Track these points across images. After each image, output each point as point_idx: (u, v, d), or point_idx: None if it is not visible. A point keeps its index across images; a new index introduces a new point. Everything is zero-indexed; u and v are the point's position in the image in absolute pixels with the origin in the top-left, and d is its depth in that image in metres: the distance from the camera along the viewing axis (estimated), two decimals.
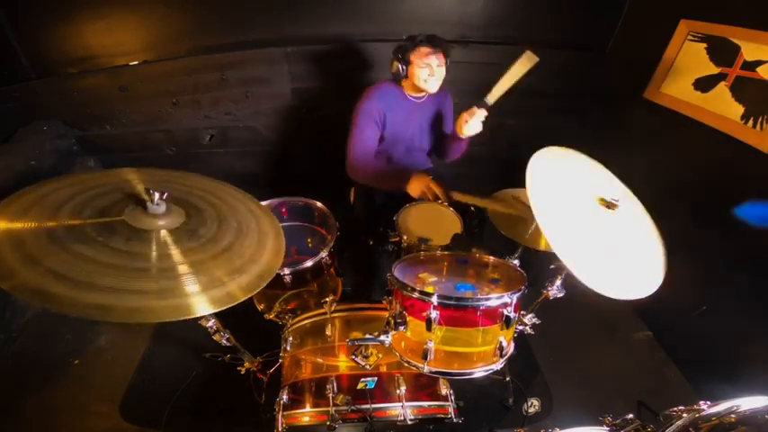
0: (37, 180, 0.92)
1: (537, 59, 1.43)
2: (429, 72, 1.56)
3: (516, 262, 1.24)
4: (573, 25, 2.22)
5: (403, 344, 1.08)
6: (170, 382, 1.72)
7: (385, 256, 1.68)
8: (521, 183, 1.29)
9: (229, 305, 0.83)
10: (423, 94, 1.71)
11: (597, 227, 1.07)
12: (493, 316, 1.00)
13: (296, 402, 1.23)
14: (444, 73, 1.61)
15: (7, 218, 0.80)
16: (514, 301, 0.99)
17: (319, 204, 1.70)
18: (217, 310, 0.82)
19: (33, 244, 0.76)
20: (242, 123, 2.31)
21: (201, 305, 0.80)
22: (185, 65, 2.08)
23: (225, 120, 2.28)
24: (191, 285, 0.82)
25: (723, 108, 1.71)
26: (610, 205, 1.08)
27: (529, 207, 1.00)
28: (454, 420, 1.20)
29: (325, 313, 1.28)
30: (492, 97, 1.52)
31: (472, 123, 1.56)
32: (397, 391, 1.19)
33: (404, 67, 1.59)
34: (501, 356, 1.04)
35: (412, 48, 1.54)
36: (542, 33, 2.21)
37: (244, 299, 0.86)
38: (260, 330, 1.60)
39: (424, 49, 1.53)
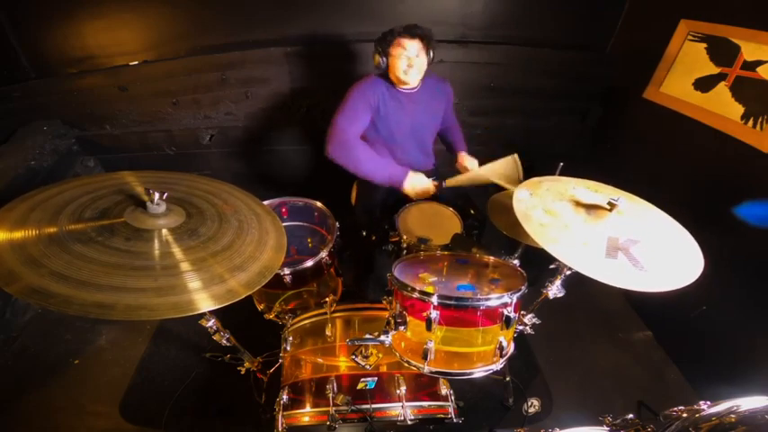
0: (37, 180, 0.92)
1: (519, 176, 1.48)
2: (408, 63, 1.52)
3: (516, 262, 1.24)
4: (573, 25, 2.22)
5: (403, 344, 1.08)
6: (170, 382, 1.72)
7: (385, 256, 1.68)
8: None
9: (230, 301, 0.83)
10: (411, 85, 1.64)
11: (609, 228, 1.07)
12: (493, 316, 1.00)
13: (296, 402, 1.22)
14: (425, 64, 1.56)
15: (10, 223, 0.81)
16: (514, 301, 0.99)
17: (319, 204, 1.70)
18: (217, 306, 0.82)
19: (35, 247, 0.77)
20: (242, 123, 2.31)
21: (203, 301, 0.81)
22: (185, 65, 2.08)
23: (225, 120, 2.28)
24: (192, 282, 0.82)
25: (723, 108, 1.71)
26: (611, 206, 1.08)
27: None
28: (454, 420, 1.19)
29: (325, 313, 1.28)
30: (482, 169, 1.64)
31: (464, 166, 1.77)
32: (397, 391, 1.18)
33: (384, 60, 1.55)
34: (501, 356, 1.04)
35: (390, 39, 1.50)
36: (542, 33, 2.21)
37: (245, 295, 0.87)
38: (260, 330, 1.60)
39: (402, 40, 1.49)
